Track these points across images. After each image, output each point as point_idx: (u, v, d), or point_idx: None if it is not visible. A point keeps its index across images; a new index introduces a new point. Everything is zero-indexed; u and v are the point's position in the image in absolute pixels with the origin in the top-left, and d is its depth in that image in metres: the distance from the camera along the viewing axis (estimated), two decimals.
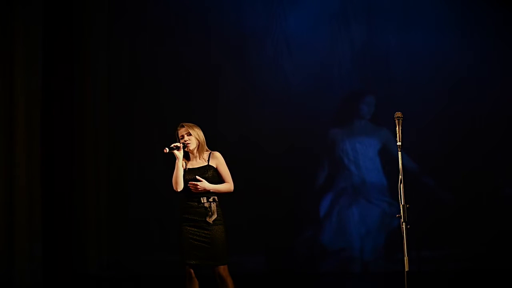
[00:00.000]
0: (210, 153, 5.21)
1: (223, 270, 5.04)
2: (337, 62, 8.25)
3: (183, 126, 5.18)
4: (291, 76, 8.24)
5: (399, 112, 4.69)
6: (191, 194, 5.08)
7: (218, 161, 5.18)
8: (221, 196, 5.16)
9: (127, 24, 8.29)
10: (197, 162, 5.17)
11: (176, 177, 5.07)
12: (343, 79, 8.22)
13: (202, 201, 5.07)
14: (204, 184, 5.05)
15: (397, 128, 4.64)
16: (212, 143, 5.28)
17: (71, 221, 7.90)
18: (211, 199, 5.09)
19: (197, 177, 5.06)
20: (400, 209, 4.52)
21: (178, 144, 5.10)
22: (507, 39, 7.99)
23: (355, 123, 8.22)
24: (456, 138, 7.93)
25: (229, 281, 5.05)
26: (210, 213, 5.07)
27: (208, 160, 5.17)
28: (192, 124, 5.20)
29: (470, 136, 7.94)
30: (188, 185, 5.06)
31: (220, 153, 5.21)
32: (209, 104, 8.14)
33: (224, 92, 8.25)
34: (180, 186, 5.06)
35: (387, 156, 7.91)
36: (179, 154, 5.08)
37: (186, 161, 5.17)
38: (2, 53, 7.61)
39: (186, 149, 5.13)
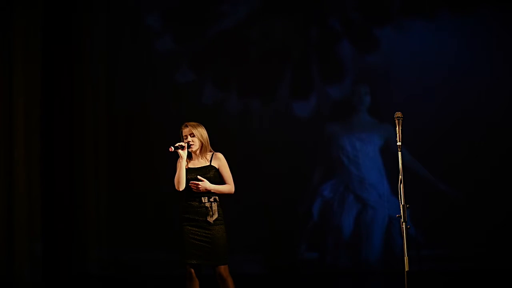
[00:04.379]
0: (213, 153, 5.21)
1: (223, 270, 5.04)
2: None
3: (187, 126, 5.17)
4: None
5: (399, 112, 4.69)
6: (192, 193, 5.08)
7: (220, 162, 5.18)
8: (222, 197, 5.16)
9: (127, 24, 8.29)
10: (199, 162, 5.18)
11: (179, 176, 5.06)
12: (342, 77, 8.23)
13: (203, 201, 5.07)
14: (205, 184, 5.05)
15: (397, 128, 4.65)
16: (211, 141, 5.28)
17: (71, 221, 7.91)
18: (212, 199, 5.09)
19: (199, 176, 5.07)
20: (400, 209, 4.52)
21: (182, 143, 5.09)
22: (509, 38, 8.00)
23: (354, 119, 8.20)
24: (457, 138, 7.92)
25: (230, 281, 5.05)
26: (211, 212, 5.07)
27: (211, 161, 5.18)
28: (196, 124, 5.19)
29: (472, 136, 7.93)
30: (189, 184, 5.06)
31: (222, 153, 5.22)
32: (209, 103, 8.13)
33: (223, 89, 8.23)
34: (182, 186, 5.06)
35: (388, 155, 7.90)
36: (183, 153, 5.07)
37: (188, 160, 5.18)
38: (2, 53, 7.61)
39: (189, 150, 5.13)
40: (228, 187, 5.18)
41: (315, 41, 8.24)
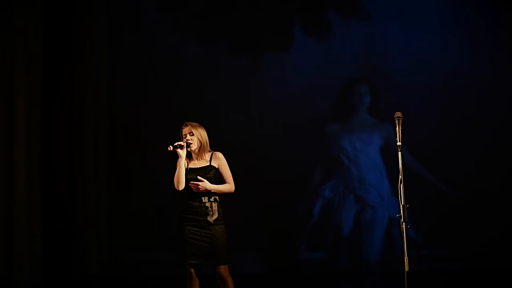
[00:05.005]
0: (213, 153, 5.23)
1: (223, 270, 5.05)
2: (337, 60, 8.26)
3: (186, 125, 5.20)
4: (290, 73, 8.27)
5: (399, 112, 4.70)
6: (192, 193, 5.09)
7: (220, 161, 5.19)
8: (222, 196, 5.17)
9: (127, 24, 8.30)
10: (199, 162, 5.19)
11: (178, 176, 5.07)
12: (342, 77, 8.22)
13: (203, 201, 5.08)
14: (205, 184, 5.06)
15: (397, 128, 4.65)
16: (212, 141, 5.29)
17: (71, 221, 7.91)
18: (212, 199, 5.10)
19: (199, 177, 5.07)
20: (400, 209, 4.53)
21: (181, 143, 5.11)
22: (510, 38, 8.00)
23: (354, 119, 8.20)
24: (458, 138, 7.92)
25: (230, 281, 5.06)
26: (211, 212, 5.08)
27: (210, 161, 5.19)
28: (196, 124, 5.22)
29: (473, 136, 7.93)
30: (190, 184, 5.07)
31: (222, 153, 5.23)
32: (210, 102, 8.13)
33: (223, 88, 8.24)
34: (182, 185, 5.07)
35: (388, 155, 7.89)
36: (182, 153, 5.09)
37: (188, 161, 5.19)
38: (2, 53, 7.61)
39: (188, 149, 5.14)
40: (228, 186, 5.19)
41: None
